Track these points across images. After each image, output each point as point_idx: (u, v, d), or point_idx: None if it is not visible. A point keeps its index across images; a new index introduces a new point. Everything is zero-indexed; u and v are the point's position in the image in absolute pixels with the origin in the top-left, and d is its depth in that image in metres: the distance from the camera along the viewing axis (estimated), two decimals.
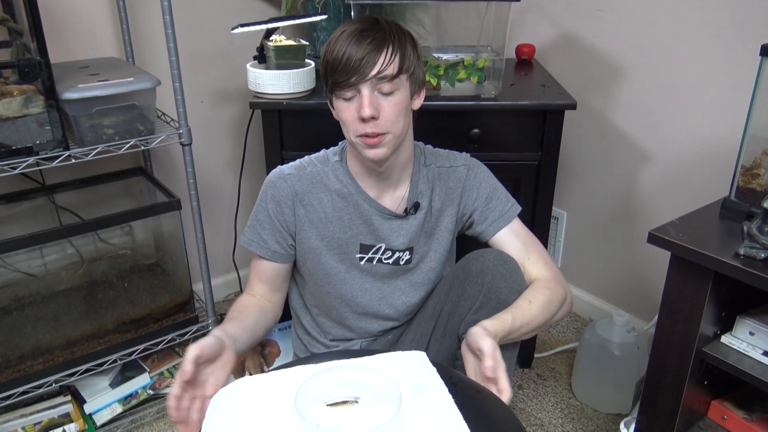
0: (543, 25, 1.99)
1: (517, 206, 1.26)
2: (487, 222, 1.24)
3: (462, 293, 1.19)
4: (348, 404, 0.89)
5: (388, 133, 1.09)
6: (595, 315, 2.05)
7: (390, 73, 1.06)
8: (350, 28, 1.07)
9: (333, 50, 1.07)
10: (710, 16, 1.55)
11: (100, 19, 1.67)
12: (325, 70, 1.10)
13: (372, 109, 1.06)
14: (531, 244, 1.24)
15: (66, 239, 1.49)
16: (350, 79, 1.05)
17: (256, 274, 1.28)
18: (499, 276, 1.15)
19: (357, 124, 1.08)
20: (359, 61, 1.04)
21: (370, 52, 1.04)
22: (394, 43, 1.07)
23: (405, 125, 1.13)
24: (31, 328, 1.47)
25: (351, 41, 1.05)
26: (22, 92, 1.27)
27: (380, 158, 1.12)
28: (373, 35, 1.06)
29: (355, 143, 1.12)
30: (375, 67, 1.05)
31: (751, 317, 1.11)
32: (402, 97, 1.10)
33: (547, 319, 1.15)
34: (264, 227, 1.22)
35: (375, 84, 1.06)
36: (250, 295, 1.27)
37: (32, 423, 1.52)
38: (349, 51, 1.04)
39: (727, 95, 1.56)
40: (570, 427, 1.67)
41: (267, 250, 1.23)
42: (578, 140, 1.96)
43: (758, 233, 1.01)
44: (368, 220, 1.22)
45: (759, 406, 1.22)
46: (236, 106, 2.00)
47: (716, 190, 1.32)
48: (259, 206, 1.23)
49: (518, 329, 1.11)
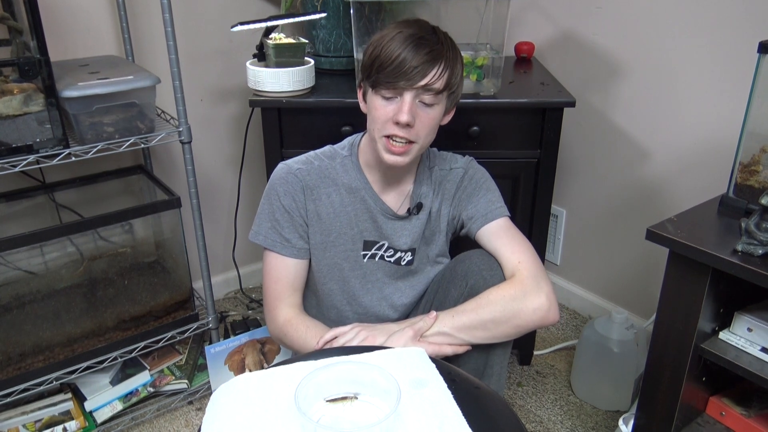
0: (542, 23, 1.99)
1: (504, 209, 1.24)
2: (471, 221, 1.24)
3: (446, 293, 1.20)
4: (347, 400, 0.90)
5: (415, 143, 1.10)
6: (594, 312, 2.06)
7: (437, 88, 1.06)
8: (408, 31, 1.06)
9: (387, 48, 1.06)
10: (708, 13, 1.55)
11: (100, 17, 1.67)
12: (371, 64, 1.08)
13: (410, 116, 1.06)
14: (511, 243, 1.18)
15: (66, 237, 1.49)
16: (398, 82, 1.05)
17: (288, 282, 1.22)
18: (482, 280, 1.15)
19: (388, 124, 1.08)
20: (412, 68, 1.04)
21: (425, 63, 1.04)
22: (448, 59, 1.07)
23: (432, 138, 1.14)
24: (31, 325, 1.47)
25: (408, 45, 1.04)
26: (22, 90, 1.27)
27: (399, 165, 1.12)
28: (431, 46, 1.05)
29: (377, 142, 1.12)
30: (425, 78, 1.05)
31: (749, 313, 1.11)
32: (438, 111, 1.11)
33: (497, 321, 1.09)
34: (285, 226, 1.20)
35: (419, 93, 1.07)
36: (288, 311, 1.21)
37: (33, 420, 1.52)
38: (404, 54, 1.04)
39: (726, 92, 1.56)
40: (569, 424, 1.67)
41: (293, 248, 1.20)
42: (577, 138, 1.97)
43: (756, 230, 1.01)
44: (373, 217, 1.23)
45: (757, 402, 1.22)
46: (236, 104, 2.00)
47: (714, 187, 1.32)
48: (273, 205, 1.20)
49: (459, 330, 1.10)
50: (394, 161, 1.11)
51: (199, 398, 1.74)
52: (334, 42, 1.73)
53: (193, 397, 1.73)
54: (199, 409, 1.71)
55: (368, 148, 1.20)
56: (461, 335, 1.11)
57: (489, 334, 1.11)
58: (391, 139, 1.09)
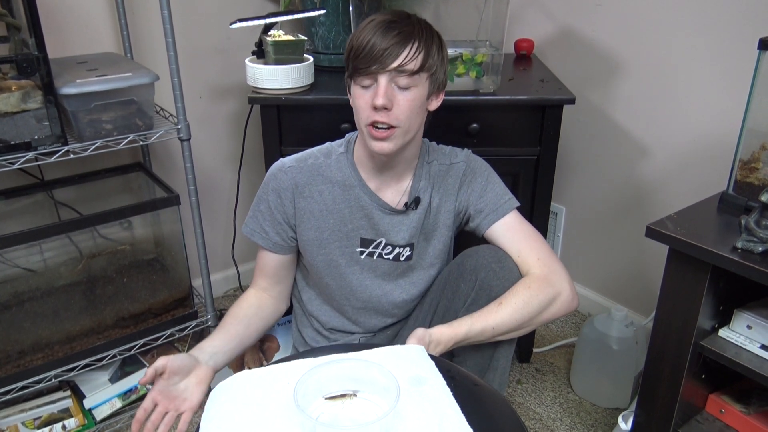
0: (542, 20, 1.98)
1: (514, 201, 1.24)
2: (481, 216, 1.23)
3: (456, 290, 1.20)
4: (346, 397, 0.90)
5: (397, 127, 1.09)
6: (593, 310, 2.05)
7: (410, 69, 1.06)
8: (379, 18, 1.08)
9: (359, 37, 1.07)
10: (708, 10, 1.55)
11: (98, 14, 1.66)
12: (348, 55, 1.10)
13: (385, 99, 1.06)
14: (527, 239, 1.21)
15: (65, 235, 1.49)
16: (370, 67, 1.05)
17: (260, 267, 1.30)
18: (492, 273, 1.15)
19: (369, 111, 1.09)
20: (382, 51, 1.04)
21: (394, 44, 1.05)
22: (420, 39, 1.07)
23: (417, 123, 1.13)
24: (30, 323, 1.47)
25: (378, 30, 1.06)
26: (21, 87, 1.26)
27: (387, 152, 1.12)
28: (400, 28, 1.06)
29: (364, 132, 1.12)
30: (397, 60, 1.05)
31: (748, 311, 1.11)
32: (418, 94, 1.10)
33: (524, 320, 1.12)
34: (266, 219, 1.23)
35: (393, 76, 1.07)
36: (252, 290, 1.30)
37: (32, 418, 1.52)
38: (374, 39, 1.05)
39: (726, 89, 1.56)
40: (568, 422, 1.67)
41: (269, 241, 1.25)
42: (577, 135, 1.96)
43: (756, 227, 1.01)
44: (368, 214, 1.22)
45: (756, 399, 1.22)
46: (235, 102, 2.00)
47: (714, 184, 1.32)
48: (261, 198, 1.24)
49: (479, 334, 1.11)
50: (379, 148, 1.11)
51: None
52: (333, 39, 1.72)
53: None
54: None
55: (361, 145, 1.21)
56: (495, 336, 1.14)
57: (521, 331, 1.16)
58: (374, 127, 1.10)
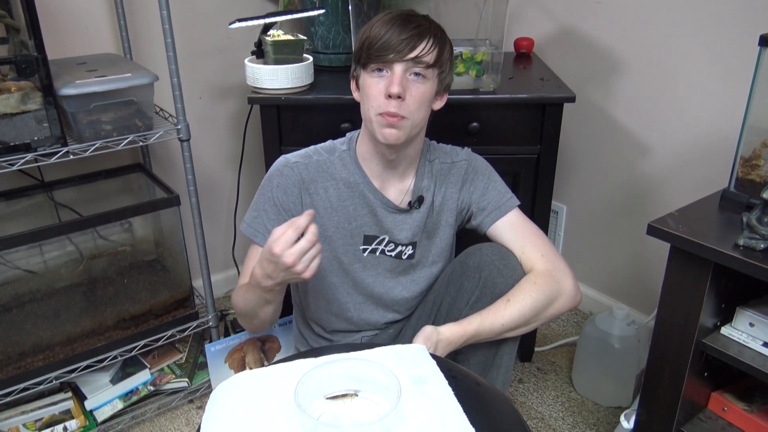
0: (542, 19, 1.98)
1: (515, 199, 1.26)
2: (483, 214, 1.24)
3: (460, 288, 1.20)
4: (348, 397, 0.89)
5: (407, 118, 1.10)
6: (595, 308, 2.05)
7: (428, 61, 1.08)
8: (396, 13, 1.10)
9: (375, 28, 1.09)
10: (708, 7, 1.55)
11: (98, 15, 1.66)
12: (361, 47, 1.11)
13: (401, 87, 1.07)
14: (530, 236, 1.22)
15: (65, 236, 1.49)
16: (388, 55, 1.07)
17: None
18: (496, 271, 1.15)
19: (381, 99, 1.09)
20: (400, 41, 1.06)
21: (413, 36, 1.07)
22: (435, 37, 1.10)
23: (423, 117, 1.14)
24: (31, 325, 1.47)
25: (395, 23, 1.08)
26: (20, 89, 1.26)
27: (394, 141, 1.12)
28: (418, 22, 1.09)
29: (373, 121, 1.12)
30: (414, 51, 1.07)
31: (751, 308, 1.11)
32: (429, 87, 1.12)
33: (531, 316, 1.14)
34: (270, 217, 1.21)
35: (409, 66, 1.08)
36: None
37: (33, 420, 1.52)
38: (392, 30, 1.07)
39: (726, 86, 1.56)
40: (570, 421, 1.67)
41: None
42: (577, 133, 1.96)
43: (758, 224, 1.01)
44: (373, 211, 1.22)
45: (759, 397, 1.22)
46: (234, 102, 2.00)
47: (716, 182, 1.32)
48: (264, 196, 1.22)
49: (488, 331, 1.12)
50: (389, 134, 1.11)
51: (199, 396, 1.74)
52: (333, 39, 1.72)
53: (194, 396, 1.73)
54: (199, 408, 1.71)
55: (365, 141, 1.20)
56: (503, 333, 1.14)
57: (527, 328, 1.16)
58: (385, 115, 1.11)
